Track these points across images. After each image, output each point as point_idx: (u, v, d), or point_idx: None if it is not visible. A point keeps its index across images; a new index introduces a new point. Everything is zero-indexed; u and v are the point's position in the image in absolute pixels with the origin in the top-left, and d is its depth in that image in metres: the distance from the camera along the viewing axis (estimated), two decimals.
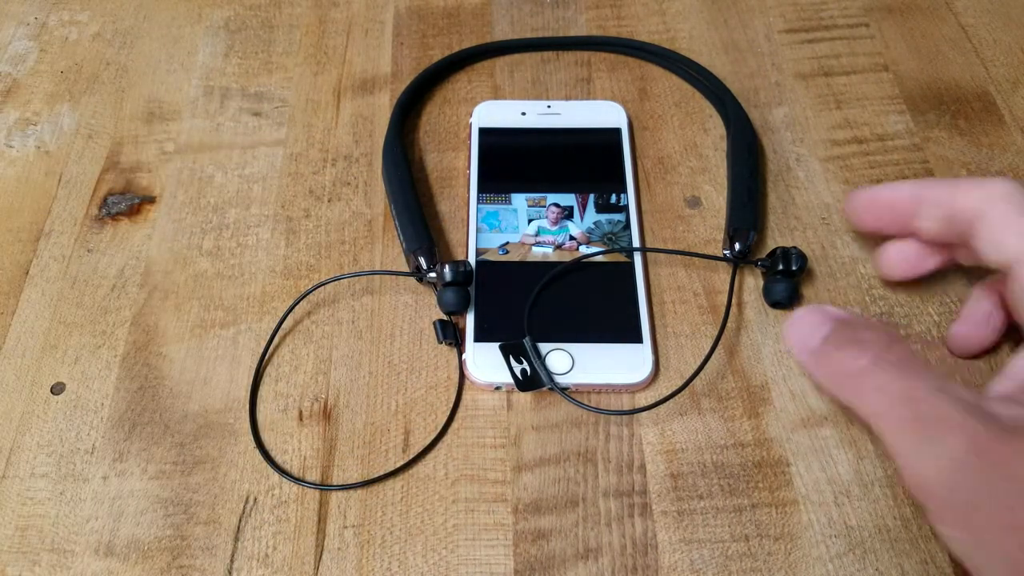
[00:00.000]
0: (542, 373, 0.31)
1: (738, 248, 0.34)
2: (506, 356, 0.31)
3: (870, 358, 0.23)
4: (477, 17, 0.45)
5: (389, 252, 0.37)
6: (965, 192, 0.28)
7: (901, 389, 0.22)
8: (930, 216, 0.29)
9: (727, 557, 0.29)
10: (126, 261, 0.37)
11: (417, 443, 0.31)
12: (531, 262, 0.35)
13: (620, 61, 0.43)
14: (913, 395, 0.22)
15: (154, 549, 0.29)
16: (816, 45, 0.44)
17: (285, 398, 0.33)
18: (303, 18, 0.46)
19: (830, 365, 0.25)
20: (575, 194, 0.37)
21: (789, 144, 0.40)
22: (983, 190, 0.27)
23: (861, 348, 0.24)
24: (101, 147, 0.41)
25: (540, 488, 0.30)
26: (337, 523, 0.30)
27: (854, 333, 0.25)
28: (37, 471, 0.31)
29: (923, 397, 0.22)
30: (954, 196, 0.28)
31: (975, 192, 0.27)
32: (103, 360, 0.34)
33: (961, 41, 0.44)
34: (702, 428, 0.31)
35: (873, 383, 0.23)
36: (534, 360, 0.31)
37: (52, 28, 0.46)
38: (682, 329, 0.34)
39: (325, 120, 0.41)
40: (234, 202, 0.38)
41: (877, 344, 0.24)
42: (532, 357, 0.31)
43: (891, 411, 0.22)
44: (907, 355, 0.23)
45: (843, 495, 0.30)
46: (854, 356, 0.24)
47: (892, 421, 0.22)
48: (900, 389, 0.22)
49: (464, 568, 0.29)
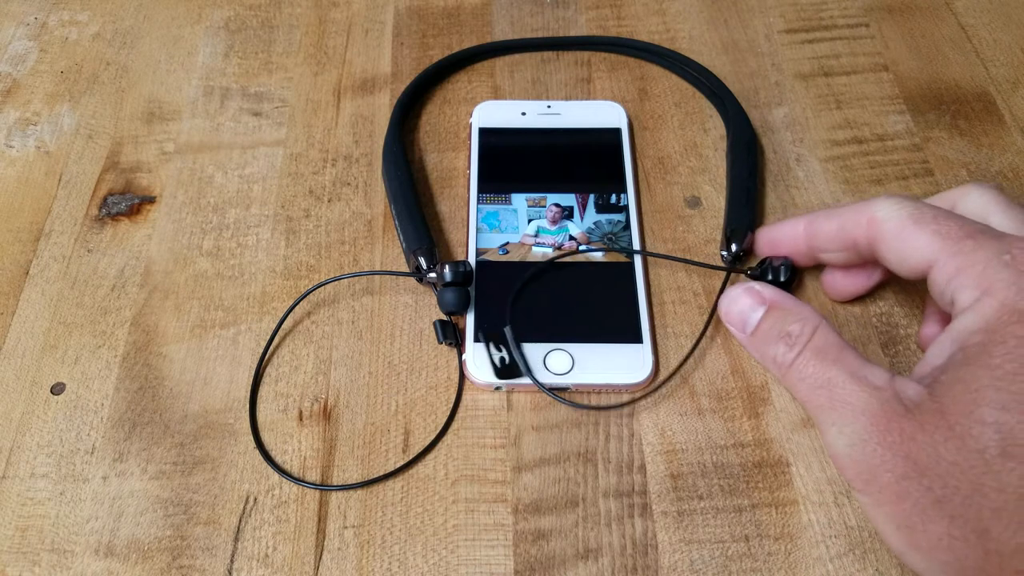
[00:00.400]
0: (520, 363, 0.31)
1: (735, 248, 0.34)
2: (486, 343, 0.32)
3: (796, 352, 0.26)
4: (477, 17, 0.45)
5: (389, 252, 0.37)
6: (852, 222, 0.28)
7: (819, 378, 0.25)
8: (830, 249, 0.30)
9: (727, 557, 0.29)
10: (126, 261, 0.37)
11: (417, 443, 0.31)
12: (531, 262, 0.35)
13: (620, 61, 0.43)
14: (828, 382, 0.25)
15: (154, 549, 0.29)
16: (816, 45, 0.44)
17: (285, 398, 0.33)
18: (303, 18, 0.46)
19: (762, 353, 0.28)
20: (575, 194, 0.37)
21: (789, 144, 0.40)
22: (866, 214, 0.28)
23: (788, 343, 0.26)
24: (101, 147, 0.41)
25: (540, 488, 0.30)
26: (337, 523, 0.30)
27: (783, 325, 0.27)
28: (37, 471, 0.31)
29: (837, 384, 0.25)
30: (843, 228, 0.29)
31: (861, 218, 0.28)
32: (103, 360, 0.34)
33: (961, 41, 0.44)
34: (702, 428, 0.31)
35: (797, 373, 0.26)
36: (513, 350, 0.31)
37: (52, 28, 0.46)
38: (682, 329, 0.34)
39: (325, 120, 0.41)
40: (234, 202, 0.38)
41: (803, 337, 0.26)
42: (512, 347, 0.32)
43: (811, 397, 0.25)
44: (829, 343, 0.26)
45: (843, 495, 0.30)
46: (783, 351, 0.26)
47: (813, 406, 0.25)
48: (818, 378, 0.25)
49: (464, 568, 0.29)
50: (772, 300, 0.28)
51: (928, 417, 0.23)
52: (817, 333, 0.26)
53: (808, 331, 0.26)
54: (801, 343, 0.26)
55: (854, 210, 0.29)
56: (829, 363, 0.25)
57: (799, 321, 0.27)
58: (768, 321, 0.28)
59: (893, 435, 0.23)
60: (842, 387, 0.25)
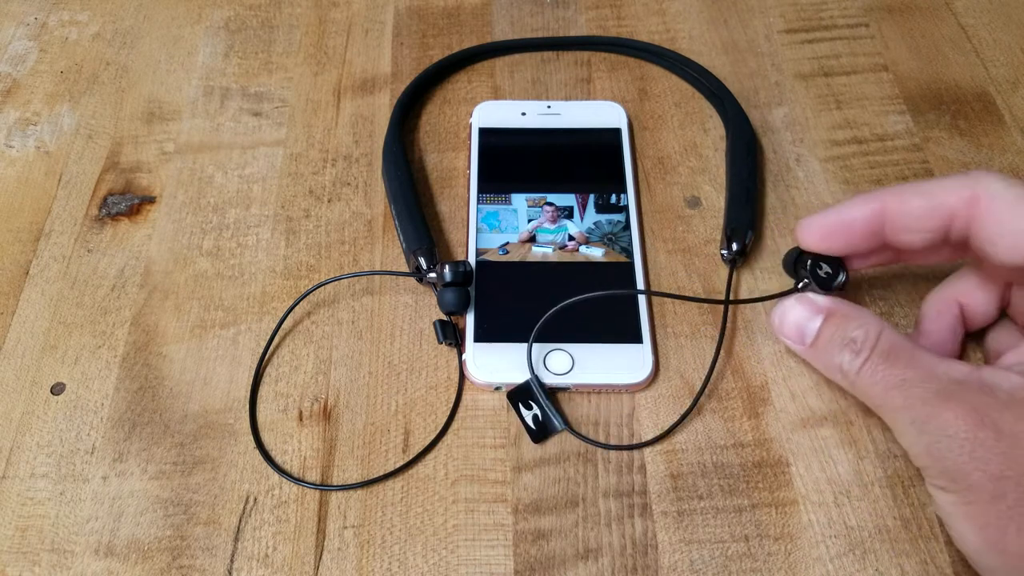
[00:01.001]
0: (554, 418, 0.31)
1: (735, 248, 0.34)
2: (515, 404, 0.31)
3: (863, 357, 0.25)
4: (477, 17, 0.45)
5: (389, 252, 0.37)
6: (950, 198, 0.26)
7: (893, 379, 0.24)
8: (913, 228, 0.27)
9: (727, 557, 0.29)
10: (126, 261, 0.37)
11: (417, 443, 0.31)
12: (531, 262, 0.35)
13: (620, 61, 0.43)
14: (903, 383, 0.24)
15: (154, 549, 0.29)
16: (816, 45, 0.44)
17: (285, 398, 0.33)
18: (303, 18, 0.46)
19: (826, 363, 0.27)
20: (575, 194, 0.37)
21: (789, 144, 0.40)
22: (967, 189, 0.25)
23: (854, 350, 0.25)
24: (101, 147, 0.41)
25: (540, 488, 0.30)
26: (337, 523, 0.30)
27: (845, 332, 0.26)
28: (37, 471, 0.31)
29: (913, 383, 0.24)
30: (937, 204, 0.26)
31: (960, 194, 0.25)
32: (103, 360, 0.34)
33: (961, 41, 0.44)
34: (702, 428, 0.31)
35: (868, 378, 0.25)
36: (544, 403, 0.31)
37: (52, 28, 0.46)
38: (682, 329, 0.34)
39: (325, 120, 0.41)
40: (234, 202, 0.38)
41: (868, 341, 0.25)
42: (541, 399, 0.31)
43: (887, 400, 0.24)
44: (897, 344, 0.25)
45: (843, 495, 0.30)
46: (849, 359, 0.25)
47: (888, 409, 0.24)
48: (892, 380, 0.24)
49: (464, 568, 0.29)
50: (829, 308, 0.27)
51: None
52: (883, 336, 0.25)
53: (873, 335, 0.25)
54: (868, 348, 0.25)
55: (947, 185, 0.26)
56: (902, 365, 0.24)
57: (861, 327, 0.26)
58: (828, 330, 0.27)
59: (987, 431, 0.22)
60: (919, 385, 0.23)
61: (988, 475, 0.22)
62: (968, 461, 0.22)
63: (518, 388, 0.31)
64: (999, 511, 0.21)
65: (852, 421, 0.31)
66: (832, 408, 0.32)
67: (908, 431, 0.24)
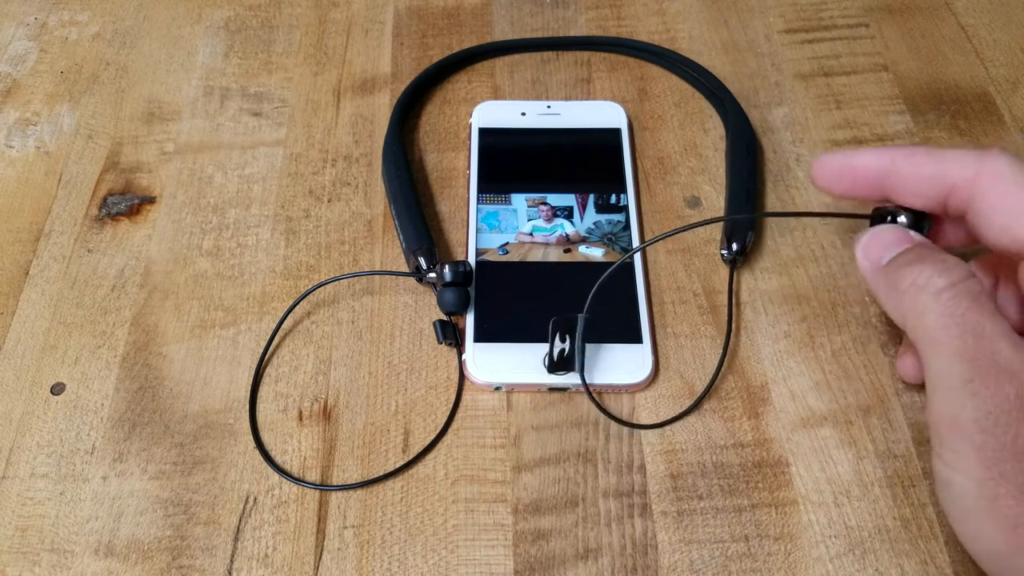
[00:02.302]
0: (579, 359, 0.30)
1: (735, 248, 0.34)
2: (554, 330, 0.31)
3: (949, 281, 0.23)
4: (477, 17, 0.45)
5: (389, 252, 0.37)
6: (956, 169, 0.25)
7: (970, 322, 0.22)
8: (914, 191, 0.27)
9: (727, 557, 0.29)
10: (126, 261, 0.37)
11: (417, 443, 0.31)
12: (531, 262, 0.35)
13: (620, 61, 0.43)
14: (980, 331, 0.22)
15: (154, 549, 0.29)
16: (816, 45, 0.44)
17: (285, 398, 0.33)
18: (303, 18, 0.46)
19: (901, 277, 0.24)
20: (575, 194, 0.37)
21: (789, 144, 0.40)
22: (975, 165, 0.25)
23: (942, 270, 0.23)
24: (101, 147, 0.41)
25: (540, 488, 0.30)
26: (337, 523, 0.30)
27: (936, 253, 0.24)
28: (37, 471, 0.31)
29: (989, 335, 0.22)
30: (942, 173, 0.26)
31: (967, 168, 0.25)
32: (103, 360, 0.34)
33: (961, 41, 0.44)
34: (702, 428, 0.31)
35: (943, 307, 0.23)
36: (579, 345, 0.30)
37: (52, 28, 0.46)
38: (682, 329, 0.34)
39: (325, 120, 0.41)
40: (234, 202, 0.38)
41: (959, 271, 0.23)
42: (579, 341, 0.30)
43: (952, 341, 0.22)
44: (983, 292, 0.23)
45: (843, 495, 0.30)
46: (932, 274, 0.23)
47: (949, 350, 0.22)
48: (969, 321, 0.22)
49: (464, 568, 0.29)
50: (923, 241, 0.25)
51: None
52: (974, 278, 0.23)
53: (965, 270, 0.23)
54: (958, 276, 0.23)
55: (958, 157, 0.25)
56: (983, 310, 0.22)
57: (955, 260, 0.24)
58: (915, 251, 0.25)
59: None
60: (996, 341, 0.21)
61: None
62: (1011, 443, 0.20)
63: (567, 318, 0.31)
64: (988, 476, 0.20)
65: (852, 421, 0.31)
66: (832, 408, 0.32)
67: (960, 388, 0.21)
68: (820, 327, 0.34)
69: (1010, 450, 0.20)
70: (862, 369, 0.33)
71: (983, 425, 0.21)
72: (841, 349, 0.33)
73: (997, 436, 0.21)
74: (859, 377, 0.32)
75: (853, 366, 0.33)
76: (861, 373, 0.32)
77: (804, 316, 0.34)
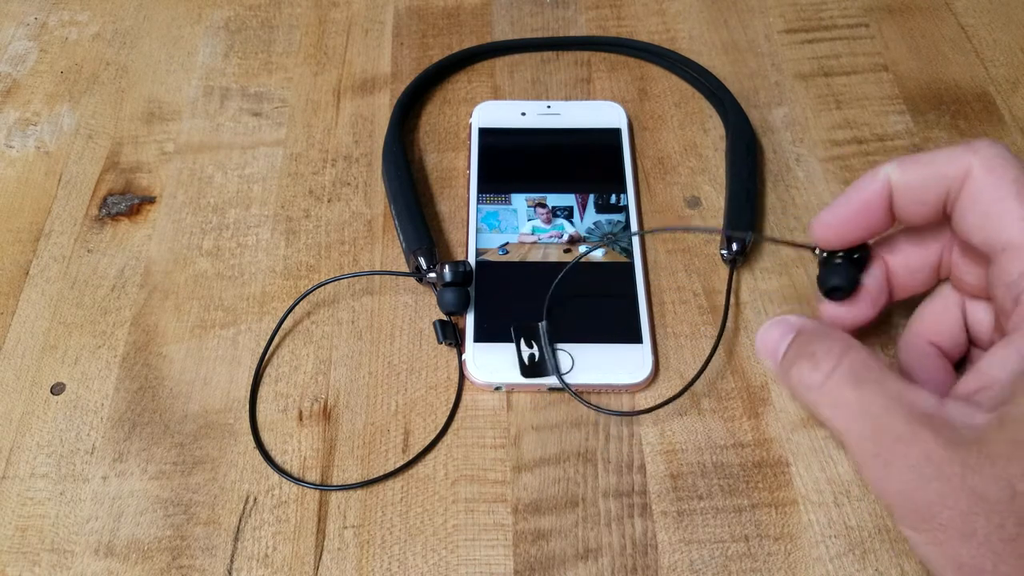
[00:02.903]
0: (549, 362, 0.31)
1: (735, 248, 0.34)
2: (517, 337, 0.31)
3: (824, 372, 0.23)
4: (477, 17, 0.45)
5: (389, 252, 0.37)
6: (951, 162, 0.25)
7: (856, 403, 0.22)
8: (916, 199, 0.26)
9: (727, 557, 0.29)
10: (126, 261, 0.37)
11: (417, 443, 0.31)
12: (531, 262, 0.35)
13: (620, 61, 0.43)
14: (869, 409, 0.22)
15: (154, 549, 0.29)
16: (816, 45, 0.44)
17: (285, 398, 0.33)
18: (303, 18, 0.46)
19: (791, 379, 0.25)
20: (575, 194, 0.37)
21: (789, 144, 0.40)
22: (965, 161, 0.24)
23: (813, 363, 0.24)
24: (101, 147, 0.41)
25: (540, 488, 0.30)
26: (337, 523, 0.30)
27: (808, 346, 0.25)
28: (37, 471, 0.31)
29: (879, 411, 0.22)
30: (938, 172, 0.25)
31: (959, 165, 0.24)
32: (103, 360, 0.34)
33: (961, 41, 0.44)
34: (702, 428, 0.31)
35: (830, 398, 0.23)
36: (544, 347, 0.31)
37: (52, 28, 0.46)
38: (682, 329, 0.34)
39: (325, 120, 0.41)
40: (234, 202, 0.38)
41: (830, 356, 0.24)
42: (543, 343, 0.31)
43: (850, 426, 0.23)
44: (862, 364, 0.23)
45: (843, 495, 0.30)
46: (809, 370, 0.24)
47: (852, 436, 0.22)
48: (855, 403, 0.22)
49: (464, 568, 0.29)
50: (801, 326, 0.26)
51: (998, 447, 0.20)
52: (849, 355, 0.23)
53: (837, 351, 0.23)
54: (830, 364, 0.23)
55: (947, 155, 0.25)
56: (868, 387, 0.22)
57: (827, 342, 0.24)
58: (796, 345, 0.25)
59: (954, 467, 0.20)
60: (887, 414, 0.22)
61: (957, 512, 0.20)
62: (936, 500, 0.21)
63: (526, 325, 0.31)
64: (971, 549, 0.20)
65: None
66: None
67: (873, 465, 0.22)
68: None
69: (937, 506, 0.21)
70: None
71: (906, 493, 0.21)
72: None
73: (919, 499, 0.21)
74: None
75: None
76: None
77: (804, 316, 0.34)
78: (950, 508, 0.20)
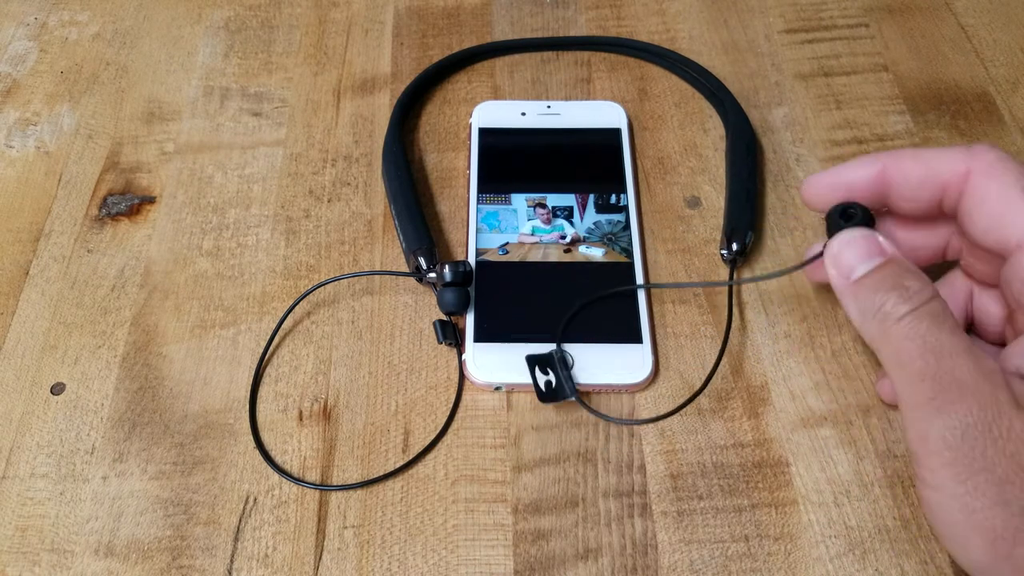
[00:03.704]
0: (567, 386, 0.31)
1: (735, 248, 0.34)
2: (532, 368, 0.31)
3: (911, 306, 0.23)
4: (477, 17, 0.45)
5: (389, 252, 0.37)
6: (947, 167, 0.25)
7: (930, 342, 0.22)
8: (909, 195, 0.27)
9: (727, 557, 0.29)
10: (126, 261, 0.37)
11: (417, 443, 0.31)
12: (531, 262, 0.35)
13: (620, 61, 0.43)
14: (939, 350, 0.22)
15: (154, 549, 0.29)
16: (816, 45, 0.44)
17: (285, 398, 0.33)
18: (303, 18, 0.46)
19: (867, 301, 0.24)
20: (575, 194, 0.37)
21: (789, 144, 0.40)
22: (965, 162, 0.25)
23: (904, 296, 0.24)
24: (101, 147, 0.41)
25: (540, 488, 0.30)
26: (337, 523, 0.30)
27: (901, 279, 0.24)
28: (37, 471, 0.31)
29: (948, 354, 0.22)
30: (932, 173, 0.26)
31: (957, 166, 0.25)
32: (103, 360, 0.34)
33: (961, 41, 0.44)
34: (702, 428, 0.31)
35: (905, 331, 0.23)
36: (560, 372, 0.31)
37: (52, 28, 0.46)
38: (682, 329, 0.34)
39: (325, 120, 0.41)
40: (234, 202, 0.38)
41: (921, 295, 0.24)
42: (559, 369, 0.31)
43: (913, 361, 0.22)
44: (943, 309, 0.23)
45: (843, 495, 0.30)
46: (895, 302, 0.24)
47: (911, 372, 0.22)
48: (929, 342, 0.22)
49: (464, 568, 0.29)
50: (893, 254, 0.25)
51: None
52: (936, 299, 0.23)
53: (928, 292, 0.24)
54: (919, 300, 0.23)
55: (948, 155, 0.25)
56: (945, 329, 0.22)
57: (920, 280, 0.24)
58: (883, 271, 0.25)
59: (1001, 429, 0.20)
60: (956, 358, 0.22)
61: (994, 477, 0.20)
62: (980, 457, 0.21)
63: (540, 356, 0.31)
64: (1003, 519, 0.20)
65: (852, 421, 0.31)
66: (832, 408, 0.32)
67: (925, 407, 0.22)
68: (820, 327, 0.34)
69: (980, 463, 0.21)
70: (862, 369, 0.33)
71: (950, 442, 0.21)
72: (841, 349, 0.33)
73: (964, 451, 0.21)
74: (859, 377, 0.32)
75: (853, 366, 0.33)
76: (861, 373, 0.32)
77: (804, 316, 0.34)
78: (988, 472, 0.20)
